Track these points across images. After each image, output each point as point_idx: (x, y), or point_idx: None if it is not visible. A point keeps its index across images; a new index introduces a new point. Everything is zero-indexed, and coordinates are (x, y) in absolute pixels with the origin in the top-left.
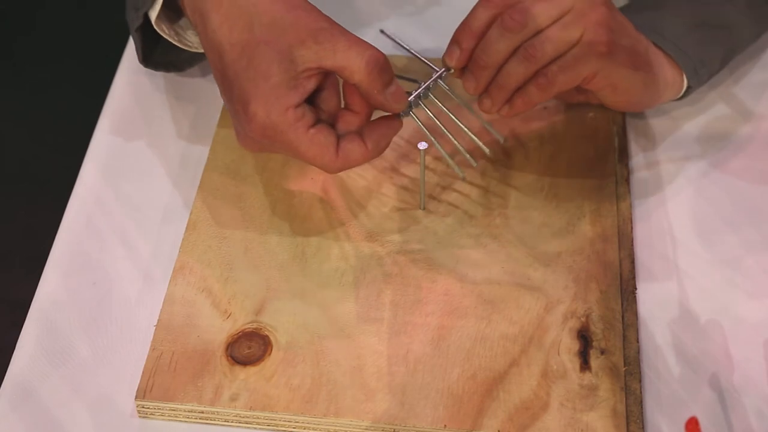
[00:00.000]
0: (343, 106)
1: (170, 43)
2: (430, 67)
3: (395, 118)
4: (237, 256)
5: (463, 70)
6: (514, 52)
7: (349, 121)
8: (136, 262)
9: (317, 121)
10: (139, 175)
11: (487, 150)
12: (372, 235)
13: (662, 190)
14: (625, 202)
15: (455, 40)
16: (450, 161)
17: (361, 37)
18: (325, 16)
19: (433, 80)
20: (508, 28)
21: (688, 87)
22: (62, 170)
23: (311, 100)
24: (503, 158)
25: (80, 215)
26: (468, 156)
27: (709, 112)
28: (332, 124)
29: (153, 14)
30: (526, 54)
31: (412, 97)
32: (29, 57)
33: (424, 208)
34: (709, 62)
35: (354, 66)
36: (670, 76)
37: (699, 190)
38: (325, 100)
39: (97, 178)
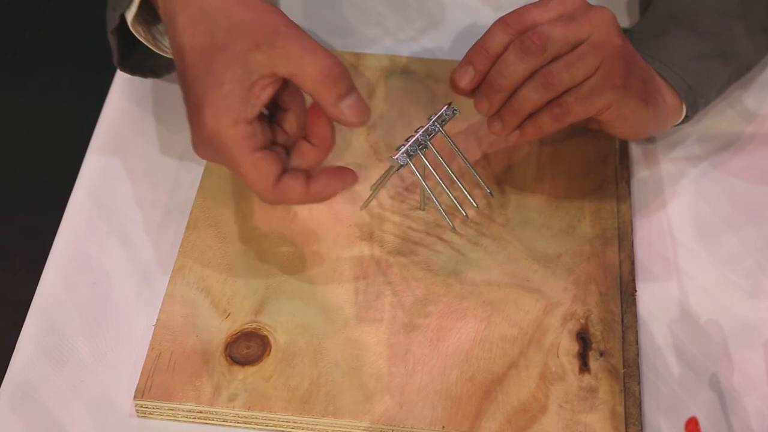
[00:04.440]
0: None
1: (148, 47)
2: (430, 120)
3: (350, 172)
4: (236, 256)
5: (473, 91)
6: (530, 76)
7: (304, 153)
8: (136, 262)
9: (268, 144)
10: (139, 175)
11: (475, 204)
12: (372, 236)
13: (662, 190)
14: (626, 204)
15: (468, 60)
16: (443, 213)
17: (361, 36)
18: (287, 19)
19: (432, 123)
20: (528, 51)
21: (686, 116)
22: (62, 170)
23: (273, 117)
24: (504, 160)
25: (80, 215)
26: (461, 207)
27: (709, 112)
28: (288, 150)
29: (129, 15)
30: (544, 81)
31: (408, 144)
32: (30, 57)
33: (424, 209)
34: (707, 93)
35: (306, 73)
36: (671, 105)
37: (699, 191)
38: (288, 122)
39: (97, 178)
